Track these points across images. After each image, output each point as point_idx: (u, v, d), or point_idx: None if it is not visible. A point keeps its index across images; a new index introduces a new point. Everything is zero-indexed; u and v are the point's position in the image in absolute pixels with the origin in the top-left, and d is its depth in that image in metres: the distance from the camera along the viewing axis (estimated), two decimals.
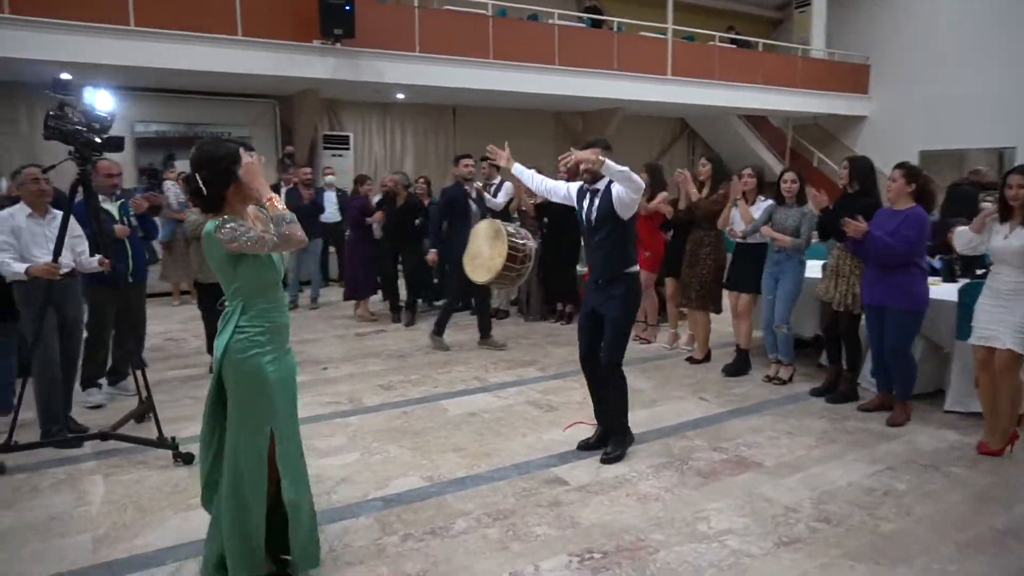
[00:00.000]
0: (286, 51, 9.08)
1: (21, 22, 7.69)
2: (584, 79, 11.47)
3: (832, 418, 4.54)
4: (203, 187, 2.47)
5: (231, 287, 2.53)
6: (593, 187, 3.89)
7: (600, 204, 3.84)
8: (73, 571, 2.84)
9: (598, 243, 3.87)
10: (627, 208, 3.80)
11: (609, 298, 3.85)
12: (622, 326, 3.89)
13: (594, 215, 3.86)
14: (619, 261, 3.85)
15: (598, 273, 3.91)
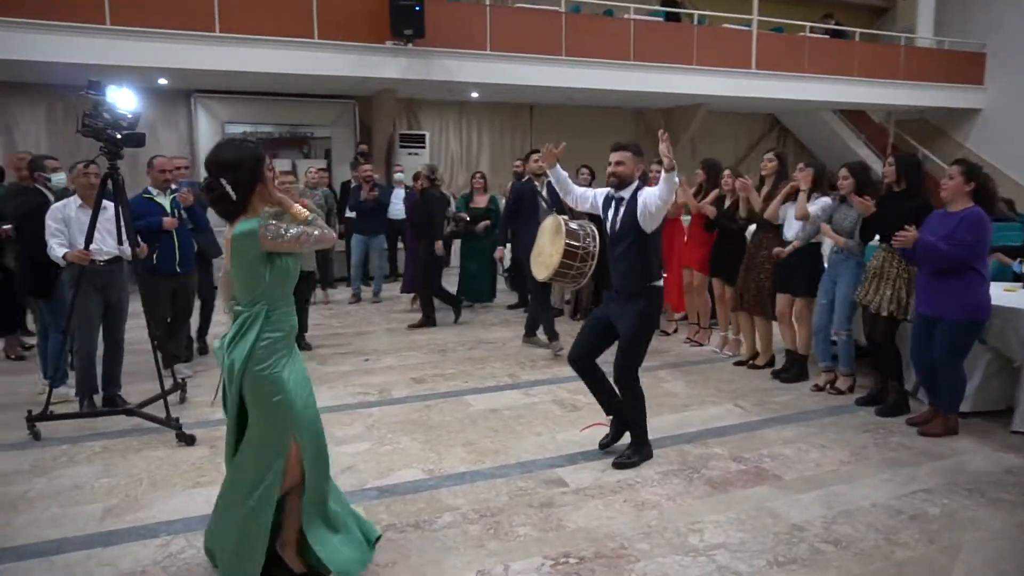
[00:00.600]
0: (359, 52, 9.37)
1: (123, 32, 8.33)
2: (662, 74, 11.17)
3: (877, 432, 4.18)
4: (232, 191, 2.41)
5: (257, 291, 2.45)
6: (618, 195, 3.75)
7: (624, 214, 3.71)
8: (78, 537, 3.03)
9: (620, 254, 3.73)
10: (652, 220, 3.65)
11: (627, 312, 3.69)
12: (638, 341, 3.73)
13: (618, 225, 3.73)
14: (641, 275, 3.70)
15: (619, 284, 3.76)
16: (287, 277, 2.53)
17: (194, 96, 10.59)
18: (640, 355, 3.75)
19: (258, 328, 2.44)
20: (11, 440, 4.10)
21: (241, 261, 2.43)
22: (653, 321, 3.81)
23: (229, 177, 2.42)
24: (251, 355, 2.43)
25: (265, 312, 2.47)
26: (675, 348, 6.26)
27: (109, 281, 4.42)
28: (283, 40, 9.01)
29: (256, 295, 2.46)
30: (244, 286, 2.47)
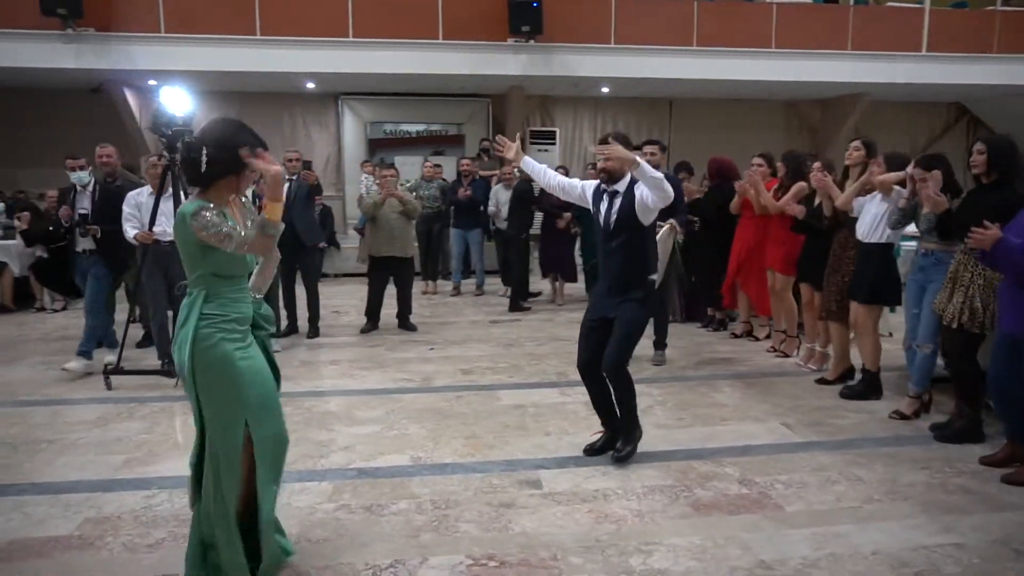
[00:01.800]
0: (480, 51, 9.60)
1: (269, 41, 9.26)
2: (809, 62, 10.22)
3: (940, 470, 3.51)
4: (204, 163, 2.35)
5: (195, 273, 2.40)
6: (612, 188, 3.57)
7: (621, 207, 3.54)
8: (91, 481, 3.44)
9: (615, 248, 3.57)
10: (649, 213, 3.49)
11: (625, 301, 3.53)
12: (634, 329, 3.55)
13: (613, 218, 3.57)
14: (637, 269, 3.56)
15: (612, 280, 3.60)
16: (226, 264, 2.40)
17: (341, 98, 11.48)
18: (633, 345, 3.59)
19: (198, 310, 2.37)
20: (94, 395, 4.75)
21: (179, 238, 2.39)
22: (652, 310, 3.66)
23: (210, 151, 2.35)
24: (195, 337, 2.35)
25: (204, 295, 2.39)
26: (756, 358, 5.71)
27: (171, 260, 4.96)
28: (409, 42, 9.48)
29: (196, 277, 2.41)
30: (187, 267, 2.43)
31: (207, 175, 2.38)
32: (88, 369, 5.19)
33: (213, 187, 2.41)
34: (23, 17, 8.46)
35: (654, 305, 3.66)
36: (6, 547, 2.83)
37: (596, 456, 3.68)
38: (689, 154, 10.03)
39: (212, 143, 2.37)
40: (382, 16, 9.41)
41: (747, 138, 11.53)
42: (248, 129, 2.45)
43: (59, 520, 3.05)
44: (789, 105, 12.66)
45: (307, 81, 10.60)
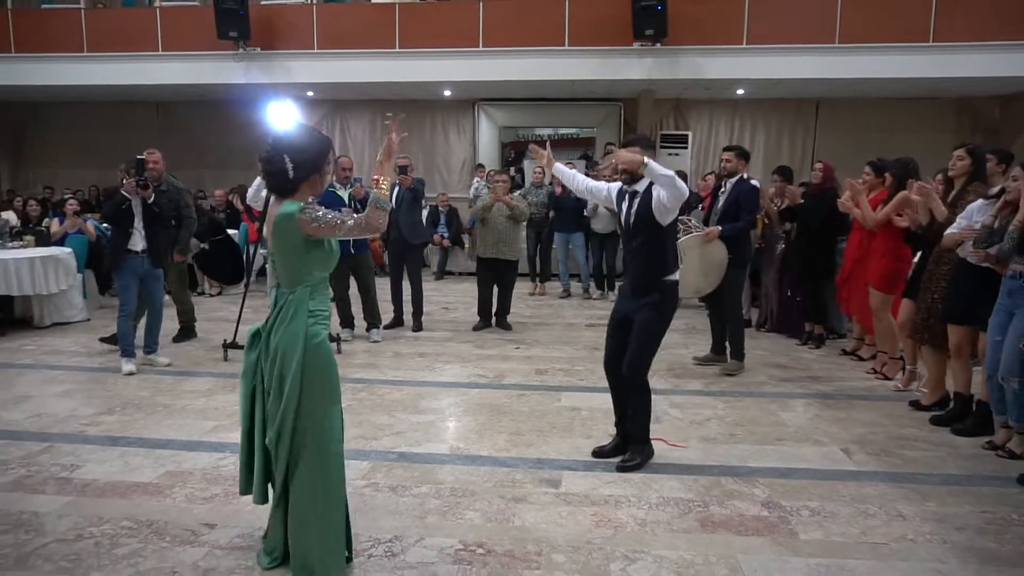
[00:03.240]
0: (604, 56, 9.66)
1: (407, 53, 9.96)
2: (974, 55, 9.16)
3: (1002, 515, 3.14)
4: (290, 170, 2.47)
5: (301, 271, 2.49)
6: (632, 188, 3.65)
7: (639, 207, 3.60)
8: (181, 440, 4.03)
9: (636, 248, 3.65)
10: (667, 213, 3.52)
11: (643, 305, 3.59)
12: (651, 334, 3.62)
13: (632, 218, 3.64)
14: (656, 268, 3.60)
15: (633, 279, 3.69)
16: (327, 262, 2.56)
17: (478, 104, 12.02)
18: (652, 350, 3.64)
19: (307, 307, 2.49)
20: (213, 369, 5.49)
21: (283, 243, 2.48)
22: (669, 314, 3.65)
23: (295, 157, 2.47)
24: (306, 331, 2.47)
25: (310, 292, 2.50)
26: (849, 378, 5.31)
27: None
28: (536, 50, 9.76)
29: (299, 278, 2.49)
30: (286, 269, 2.50)
31: (296, 180, 2.49)
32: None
33: (299, 190, 2.52)
34: (202, 41, 9.81)
35: (672, 307, 3.64)
36: (102, 487, 3.43)
37: (604, 459, 3.74)
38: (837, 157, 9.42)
39: (292, 150, 2.49)
40: (510, 25, 9.78)
41: (908, 140, 10.51)
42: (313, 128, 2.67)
43: (147, 470, 3.63)
44: (961, 102, 11.38)
45: (444, 89, 11.23)
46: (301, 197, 2.51)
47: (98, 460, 3.75)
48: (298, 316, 2.48)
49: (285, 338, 2.48)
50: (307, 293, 2.51)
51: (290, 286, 2.52)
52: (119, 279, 5.23)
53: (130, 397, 4.81)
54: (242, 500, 3.27)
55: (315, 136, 2.59)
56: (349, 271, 6.39)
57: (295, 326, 2.47)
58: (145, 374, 5.36)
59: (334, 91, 11.36)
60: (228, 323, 7.01)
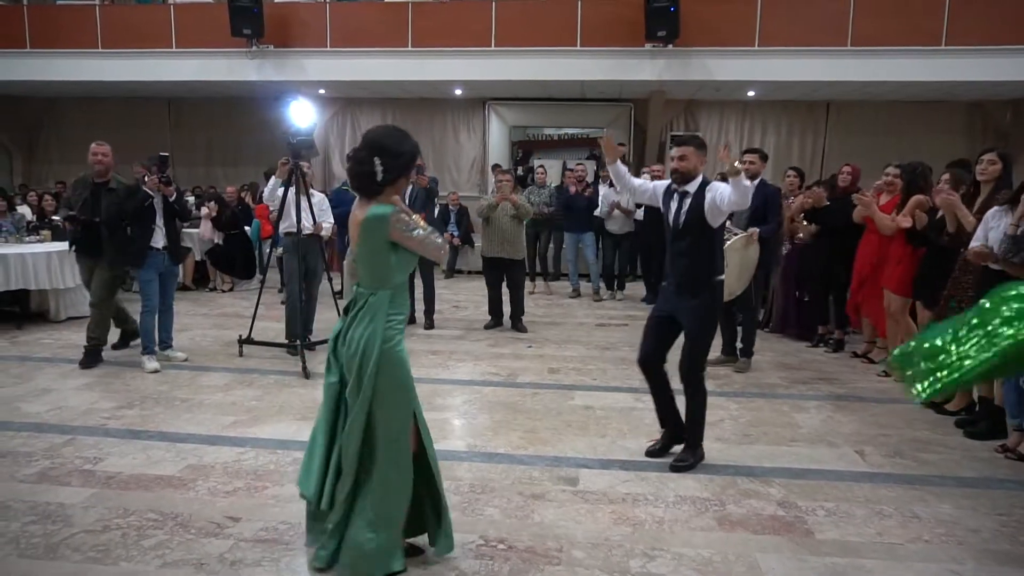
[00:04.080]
0: (616, 56, 9.68)
1: (420, 52, 10.00)
2: (990, 59, 9.14)
3: (1017, 518, 3.17)
4: (379, 172, 2.47)
5: (383, 273, 2.49)
6: (683, 189, 3.68)
7: (690, 207, 3.64)
8: (201, 435, 4.08)
9: (684, 248, 3.68)
10: (720, 216, 3.61)
11: (690, 308, 3.64)
12: (703, 340, 3.70)
13: (682, 219, 3.68)
14: (705, 269, 3.65)
15: (679, 279, 3.69)
16: (409, 264, 2.58)
17: (488, 103, 12.06)
18: (706, 350, 3.72)
19: (385, 311, 2.50)
20: (228, 364, 5.54)
21: (369, 243, 2.48)
22: (716, 316, 3.80)
23: (384, 160, 2.47)
24: (383, 335, 2.49)
25: (390, 296, 2.52)
26: (861, 381, 5.33)
27: (308, 250, 5.68)
28: (548, 50, 9.79)
29: (382, 279, 2.51)
30: (370, 269, 2.50)
31: (384, 182, 2.49)
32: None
33: (384, 193, 2.52)
34: (215, 39, 9.87)
35: (720, 307, 3.77)
36: (126, 479, 3.48)
37: (655, 458, 3.80)
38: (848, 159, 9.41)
39: (383, 152, 2.48)
40: (522, 25, 9.80)
41: (919, 143, 10.58)
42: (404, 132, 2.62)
43: (169, 463, 3.68)
44: (973, 106, 11.37)
45: (455, 88, 11.27)
46: (385, 199, 2.52)
47: (120, 453, 3.80)
48: (377, 319, 2.51)
49: (364, 337, 2.51)
50: (388, 297, 2.53)
51: (371, 287, 2.53)
52: (143, 275, 5.26)
53: (149, 391, 4.86)
54: (265, 493, 3.34)
55: (405, 139, 2.57)
56: None
57: (373, 329, 2.50)
58: (162, 369, 5.40)
59: (346, 89, 11.41)
60: (241, 319, 7.10)
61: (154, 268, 5.25)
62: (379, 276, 2.53)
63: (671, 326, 3.74)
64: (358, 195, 2.60)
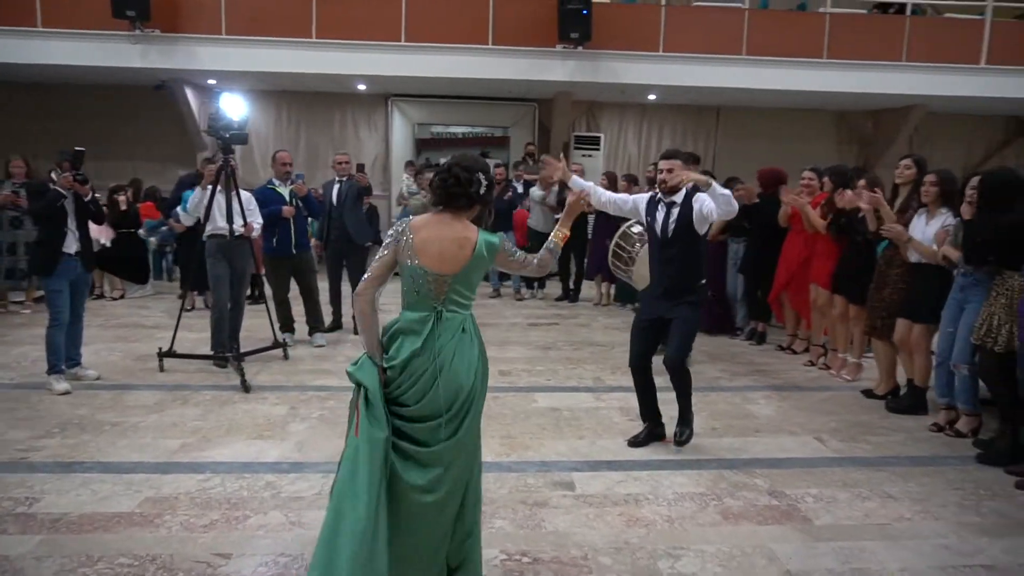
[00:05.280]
0: (529, 56, 9.69)
1: (325, 44, 9.53)
2: (862, 72, 10.02)
3: (973, 493, 3.50)
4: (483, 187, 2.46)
5: (470, 296, 2.43)
6: (669, 200, 3.81)
7: (679, 216, 3.77)
8: (149, 463, 3.67)
9: (672, 256, 3.82)
10: (705, 223, 3.77)
11: (682, 306, 3.81)
12: (692, 328, 3.92)
13: (671, 228, 3.80)
14: (693, 274, 3.85)
15: (669, 284, 3.84)
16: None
17: (391, 100, 11.74)
18: (691, 342, 4.00)
19: (475, 332, 2.45)
20: (151, 381, 5.02)
21: (476, 268, 2.41)
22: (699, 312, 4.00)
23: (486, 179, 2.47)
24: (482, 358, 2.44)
25: (472, 317, 2.47)
26: (793, 371, 5.70)
27: (237, 254, 5.27)
28: (461, 47, 9.64)
29: (467, 303, 2.44)
30: (464, 292, 2.40)
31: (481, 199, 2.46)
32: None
33: (467, 211, 2.45)
34: (93, 19, 8.89)
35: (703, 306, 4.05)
36: (76, 520, 3.05)
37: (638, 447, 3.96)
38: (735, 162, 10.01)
39: (483, 169, 2.46)
40: (434, 21, 9.61)
41: (796, 148, 11.45)
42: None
43: (122, 497, 3.27)
44: (840, 116, 12.47)
45: (359, 83, 10.87)
46: (471, 215, 2.47)
47: (57, 490, 3.33)
48: (474, 343, 2.41)
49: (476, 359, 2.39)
50: (471, 318, 2.45)
51: (461, 309, 2.41)
52: (51, 285, 4.64)
53: (66, 416, 4.30)
54: (248, 524, 3.06)
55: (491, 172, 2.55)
56: (290, 272, 6.07)
57: (469, 354, 2.37)
58: (73, 390, 4.80)
59: (240, 80, 10.68)
60: (144, 330, 6.52)
61: (65, 277, 4.63)
62: (467, 299, 2.43)
63: (659, 330, 3.90)
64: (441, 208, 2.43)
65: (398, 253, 2.39)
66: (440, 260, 2.35)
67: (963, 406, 4.17)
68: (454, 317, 2.36)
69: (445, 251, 2.35)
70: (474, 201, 2.44)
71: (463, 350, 2.35)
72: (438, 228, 2.39)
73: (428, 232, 2.39)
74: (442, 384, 2.29)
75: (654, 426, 4.03)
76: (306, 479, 3.52)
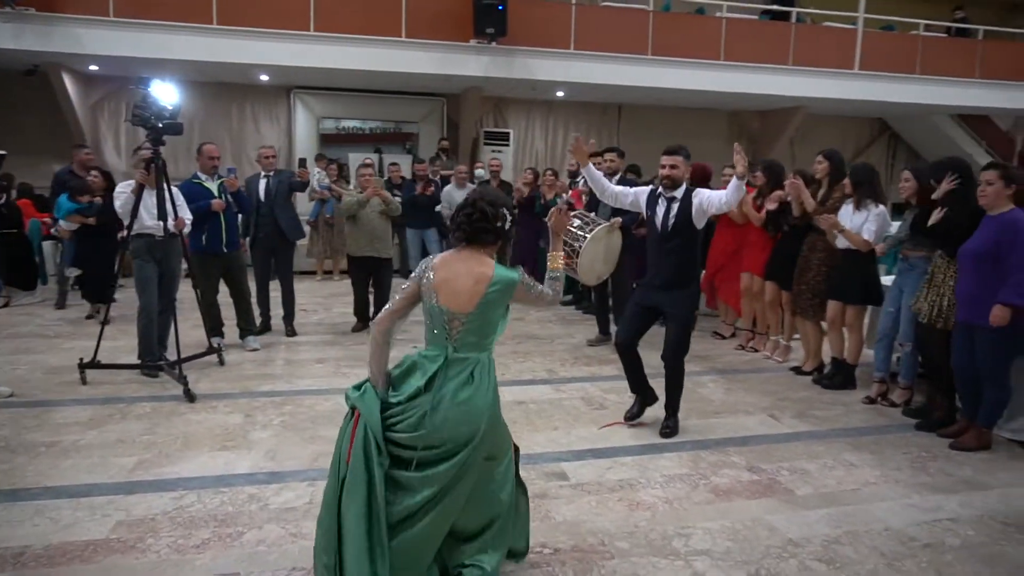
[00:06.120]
0: (443, 51, 9.61)
1: (228, 32, 8.98)
2: (754, 75, 10.74)
3: (920, 454, 3.88)
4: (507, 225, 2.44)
5: (491, 336, 2.39)
6: (670, 195, 3.95)
7: (679, 211, 3.93)
8: (107, 484, 3.34)
9: (672, 248, 3.96)
10: (704, 218, 3.95)
11: (679, 298, 3.97)
12: (689, 323, 4.11)
13: (671, 222, 3.95)
14: (691, 265, 4.03)
15: (668, 276, 3.99)
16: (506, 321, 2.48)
17: (293, 92, 11.24)
18: (690, 336, 4.14)
19: (488, 373, 2.38)
20: (76, 395, 4.56)
21: (494, 306, 2.35)
22: (697, 303, 4.30)
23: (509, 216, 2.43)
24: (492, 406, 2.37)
25: (489, 357, 2.42)
26: (728, 355, 6.04)
27: (167, 253, 4.92)
28: (373, 39, 9.39)
29: (486, 342, 2.39)
30: (480, 332, 2.35)
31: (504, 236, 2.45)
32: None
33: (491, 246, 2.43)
34: None
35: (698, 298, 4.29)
36: (43, 552, 2.74)
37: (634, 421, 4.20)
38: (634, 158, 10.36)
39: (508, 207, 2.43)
40: (346, 11, 9.30)
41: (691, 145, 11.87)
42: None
43: (89, 523, 2.96)
44: (732, 115, 13.28)
45: (261, 73, 10.33)
46: (494, 249, 2.45)
47: (7, 521, 2.97)
48: (489, 387, 2.37)
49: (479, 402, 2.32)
50: (489, 358, 2.41)
51: (476, 350, 2.36)
52: None
53: None
54: (244, 540, 2.88)
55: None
56: (220, 272, 5.68)
57: (481, 398, 2.32)
58: None
59: (125, 67, 9.79)
60: (46, 340, 5.96)
61: None
62: (486, 338, 2.38)
63: (652, 315, 4.10)
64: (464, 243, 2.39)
65: (421, 290, 2.37)
66: (455, 297, 2.32)
67: (904, 379, 4.60)
68: (464, 361, 2.32)
69: (460, 288, 2.33)
70: (499, 236, 2.42)
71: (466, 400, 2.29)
72: (456, 265, 2.37)
73: (447, 270, 2.36)
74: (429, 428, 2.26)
75: (644, 397, 4.22)
76: (291, 489, 3.34)
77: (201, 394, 4.60)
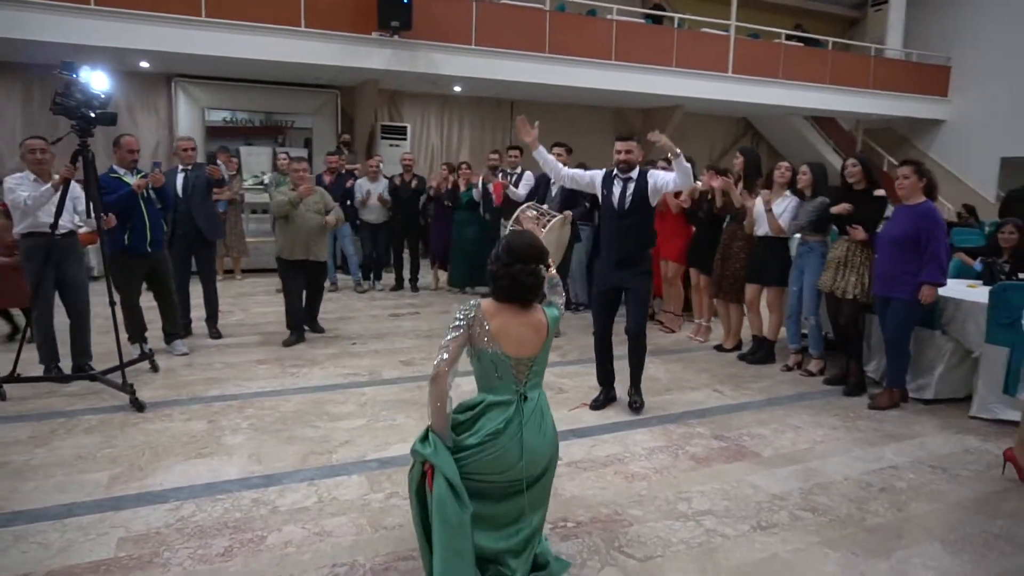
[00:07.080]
0: (345, 42, 9.38)
1: (106, 13, 8.25)
2: (641, 75, 11.38)
3: (846, 415, 4.44)
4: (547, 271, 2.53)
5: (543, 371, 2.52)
6: (626, 176, 4.19)
7: (635, 190, 4.16)
8: (87, 502, 3.10)
9: (629, 227, 4.19)
10: (658, 196, 4.21)
11: (636, 274, 4.21)
12: (647, 297, 4.36)
13: (627, 201, 4.18)
14: (647, 242, 4.28)
15: (626, 253, 4.21)
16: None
17: (175, 80, 10.51)
18: (648, 307, 4.36)
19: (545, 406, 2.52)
20: (4, 413, 4.13)
21: (551, 344, 2.50)
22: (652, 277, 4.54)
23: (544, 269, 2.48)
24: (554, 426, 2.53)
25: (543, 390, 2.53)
26: (657, 336, 6.45)
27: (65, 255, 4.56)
28: (269, 27, 8.99)
29: (541, 379, 2.51)
30: (542, 369, 2.50)
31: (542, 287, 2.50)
32: None
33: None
34: None
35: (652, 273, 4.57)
36: None
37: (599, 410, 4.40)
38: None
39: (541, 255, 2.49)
40: None
41: (580, 141, 12.46)
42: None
43: (87, 544, 2.76)
44: (617, 112, 13.97)
45: (141, 60, 9.58)
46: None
47: None
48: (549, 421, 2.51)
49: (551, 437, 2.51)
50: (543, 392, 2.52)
51: (540, 384, 2.51)
52: None
53: None
54: (268, 543, 2.83)
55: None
56: (143, 274, 5.29)
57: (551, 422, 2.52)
58: None
59: None
60: None
61: None
62: (542, 375, 2.52)
63: (615, 298, 4.33)
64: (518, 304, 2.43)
65: (472, 338, 2.43)
66: (520, 345, 2.42)
67: (814, 351, 5.19)
68: (535, 398, 2.46)
69: (523, 336, 2.43)
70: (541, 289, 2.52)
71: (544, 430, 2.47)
72: (513, 314, 2.43)
73: (504, 319, 2.42)
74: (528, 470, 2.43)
75: (608, 389, 4.47)
76: (293, 490, 3.27)
77: (145, 403, 4.31)
